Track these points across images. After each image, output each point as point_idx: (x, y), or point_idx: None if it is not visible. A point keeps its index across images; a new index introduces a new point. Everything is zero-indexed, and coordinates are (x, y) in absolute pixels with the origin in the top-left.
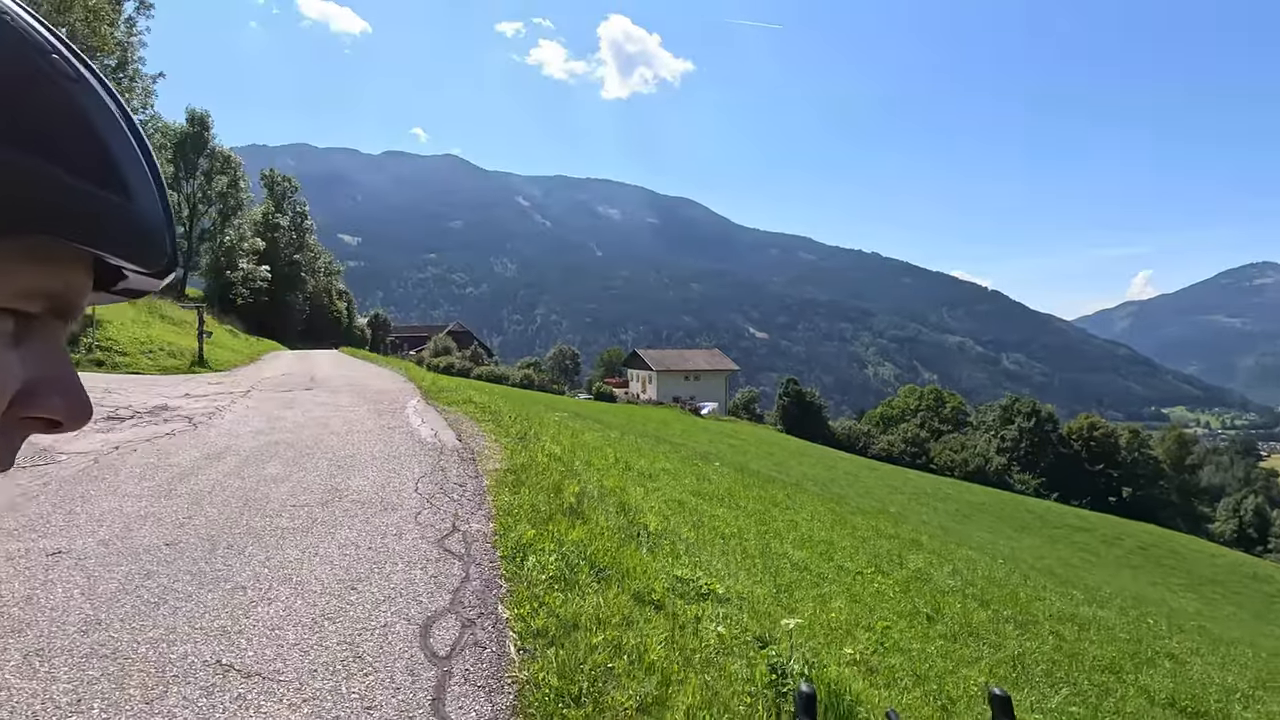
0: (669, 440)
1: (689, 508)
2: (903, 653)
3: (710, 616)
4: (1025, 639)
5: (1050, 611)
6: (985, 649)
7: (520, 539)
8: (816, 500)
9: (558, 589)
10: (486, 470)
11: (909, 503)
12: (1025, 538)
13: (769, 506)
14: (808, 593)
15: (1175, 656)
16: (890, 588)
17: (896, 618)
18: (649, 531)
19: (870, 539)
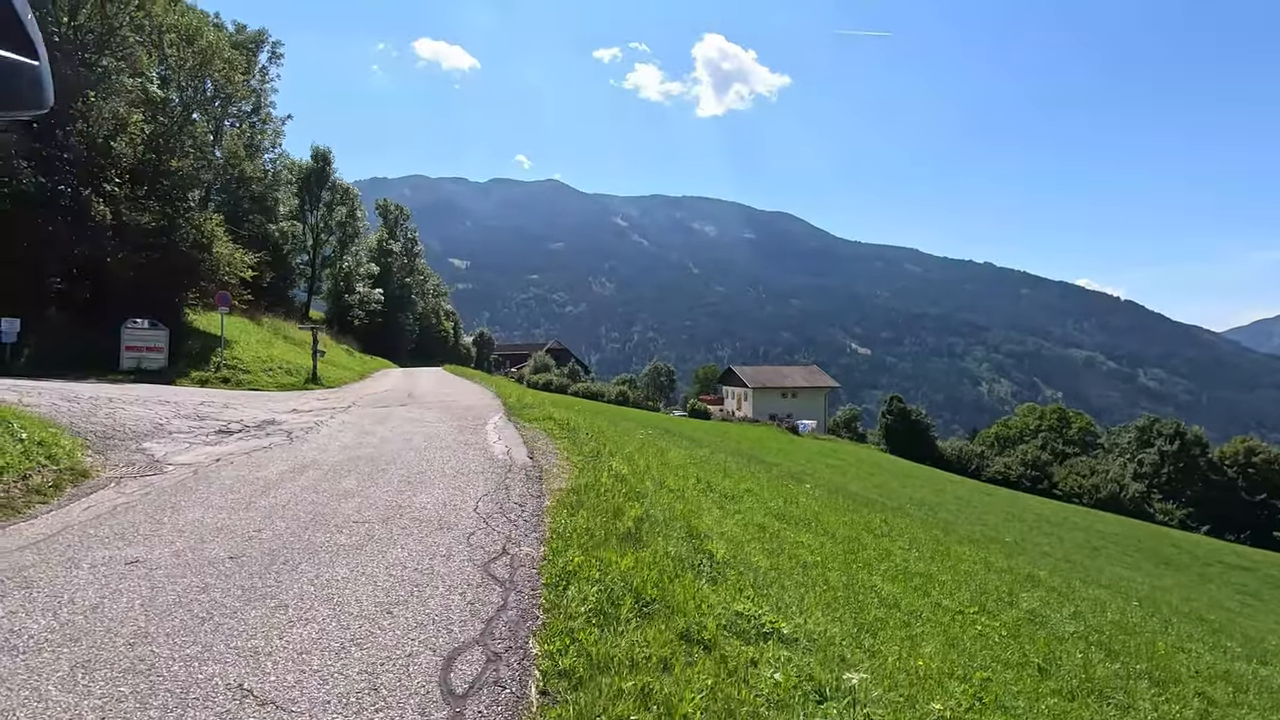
0: (762, 460)
1: (769, 532)
2: (1005, 711)
3: (769, 660)
4: (1162, 700)
5: (1198, 667)
6: (1111, 710)
7: (567, 565)
8: (918, 526)
9: (595, 623)
10: (551, 490)
11: (1028, 532)
12: (1169, 575)
13: (861, 533)
14: (894, 633)
15: None
16: (996, 631)
17: (1001, 667)
18: (714, 560)
19: (977, 573)
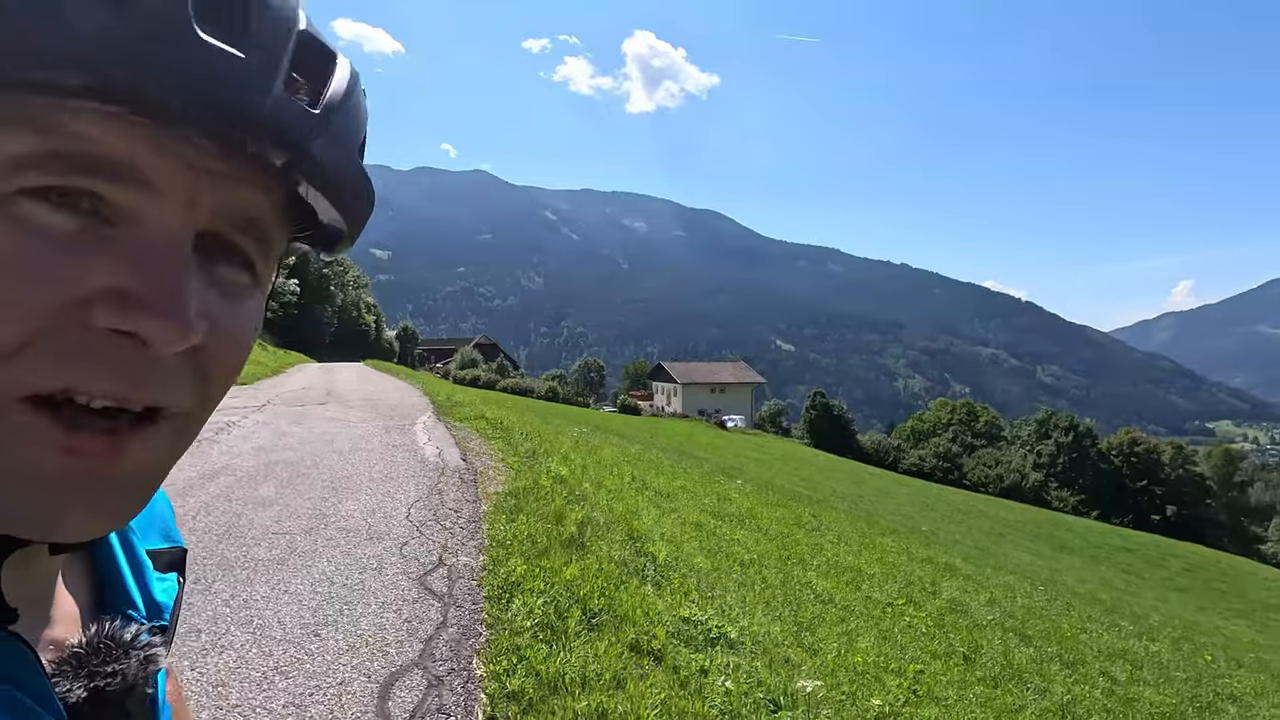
0: (693, 455)
1: (706, 531)
2: (938, 703)
3: (719, 668)
4: (1074, 682)
5: (1099, 646)
6: (1030, 695)
7: (509, 576)
8: (845, 519)
9: (542, 639)
10: (487, 494)
11: (941, 521)
12: (1065, 558)
13: (793, 528)
14: (831, 630)
15: (1238, 699)
16: (923, 621)
17: (930, 658)
18: (657, 563)
19: (902, 564)
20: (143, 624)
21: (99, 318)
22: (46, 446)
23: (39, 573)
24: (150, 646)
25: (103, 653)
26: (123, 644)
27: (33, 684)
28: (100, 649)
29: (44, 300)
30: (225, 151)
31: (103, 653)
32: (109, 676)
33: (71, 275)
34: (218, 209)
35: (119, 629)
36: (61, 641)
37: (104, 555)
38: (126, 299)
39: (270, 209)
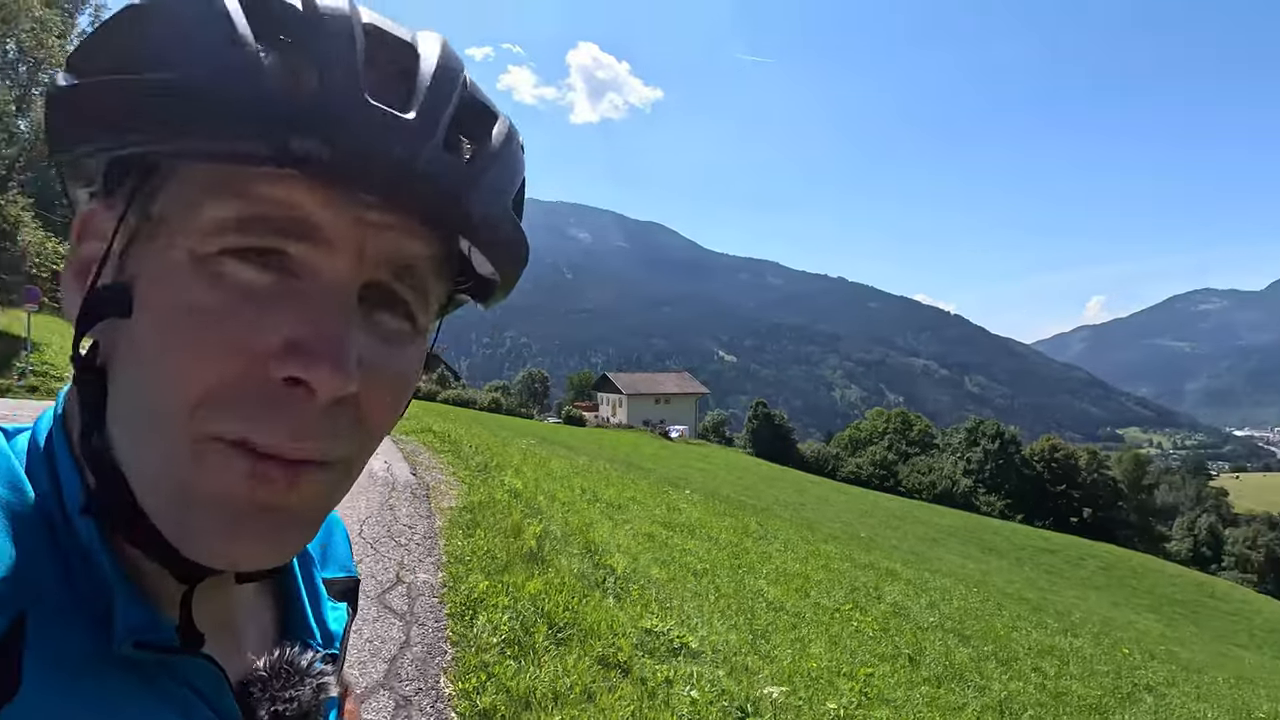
0: (639, 466)
1: (658, 542)
2: (888, 704)
3: (683, 678)
4: (1009, 679)
5: (1029, 644)
6: (970, 693)
7: (471, 593)
8: (789, 527)
9: (510, 655)
10: (441, 509)
11: (879, 527)
12: (993, 560)
13: (742, 537)
14: (785, 636)
15: (1154, 689)
16: (869, 626)
17: (878, 661)
18: (616, 575)
19: (846, 570)
20: (318, 651)
21: (275, 369)
22: (237, 475)
23: (228, 599)
24: (323, 675)
25: (282, 678)
26: (299, 670)
27: (224, 704)
28: (281, 674)
29: (239, 351)
30: (388, 206)
31: (282, 678)
32: (286, 702)
33: (261, 327)
34: (380, 259)
35: (297, 655)
36: (247, 665)
37: (288, 583)
38: (299, 349)
39: (428, 260)
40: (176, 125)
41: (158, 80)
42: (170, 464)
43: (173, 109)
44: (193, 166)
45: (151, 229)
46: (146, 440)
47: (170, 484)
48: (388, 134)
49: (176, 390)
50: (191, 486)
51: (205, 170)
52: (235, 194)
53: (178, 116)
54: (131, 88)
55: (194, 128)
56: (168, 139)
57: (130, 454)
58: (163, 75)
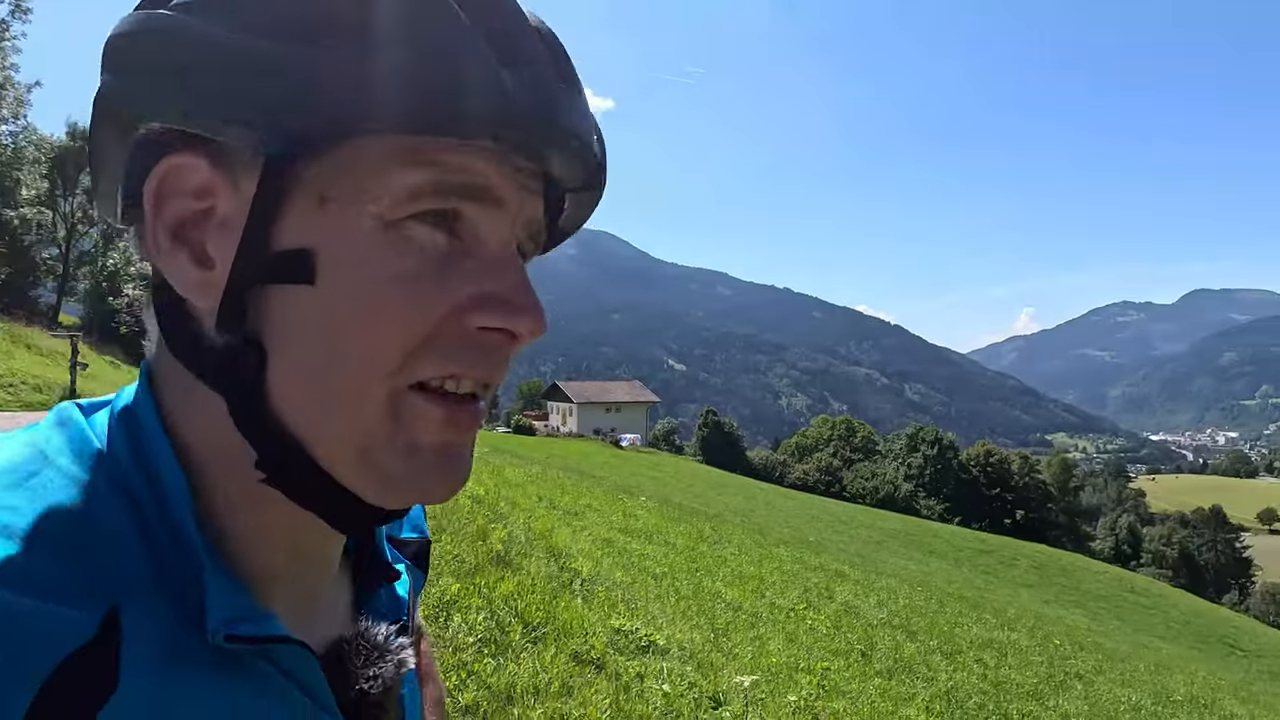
0: (592, 474)
1: (618, 547)
2: (844, 695)
3: (653, 673)
4: (954, 670)
5: (970, 638)
6: (920, 684)
7: (443, 595)
8: (741, 532)
9: (488, 653)
10: None
11: (826, 531)
12: (934, 561)
13: (697, 542)
14: (744, 634)
15: (1083, 677)
16: (823, 623)
17: (833, 656)
18: (581, 578)
19: (798, 572)
20: (392, 625)
21: (474, 319)
22: (434, 420)
23: (319, 570)
24: (402, 649)
25: (363, 655)
26: (378, 646)
27: (318, 689)
28: (360, 651)
29: (436, 308)
30: (538, 172)
31: (363, 655)
32: (371, 679)
33: (452, 284)
34: (525, 221)
35: (374, 630)
36: (329, 638)
37: (359, 550)
38: (493, 301)
39: (545, 221)
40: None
41: (405, 59)
42: (363, 420)
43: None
44: (383, 137)
45: (312, 195)
46: (335, 402)
47: (361, 439)
48: (570, 108)
49: (382, 351)
50: (388, 438)
51: (395, 140)
52: (426, 162)
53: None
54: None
55: (457, 106)
56: (417, 118)
57: (309, 417)
58: (405, 55)
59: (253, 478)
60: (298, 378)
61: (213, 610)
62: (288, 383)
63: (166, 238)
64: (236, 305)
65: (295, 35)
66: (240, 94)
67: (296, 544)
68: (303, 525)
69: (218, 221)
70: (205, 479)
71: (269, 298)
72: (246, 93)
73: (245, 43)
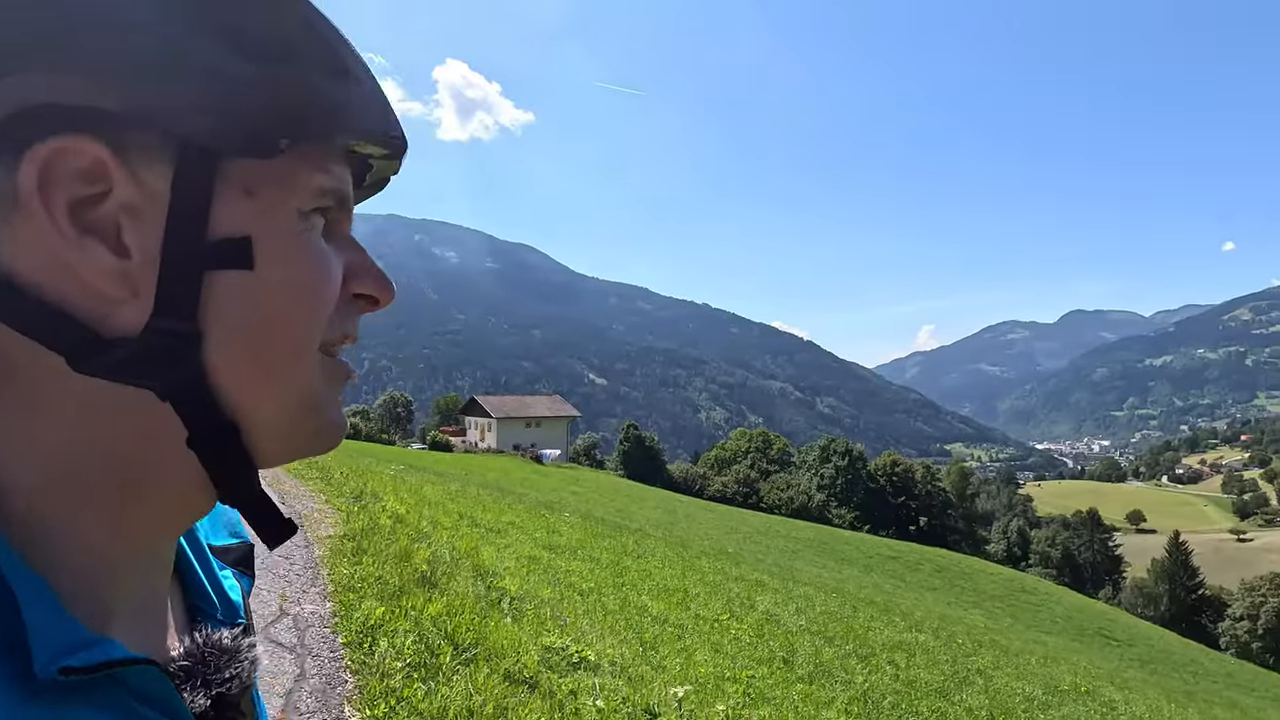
0: (512, 491)
1: (543, 564)
2: (769, 702)
3: (587, 689)
4: (869, 672)
5: (882, 640)
6: (838, 688)
7: (367, 619)
8: (664, 546)
9: (418, 677)
10: (318, 538)
11: (744, 542)
12: (846, 568)
13: (621, 556)
14: (672, 647)
15: (983, 672)
16: (745, 633)
17: (757, 664)
18: (510, 596)
19: (720, 583)
20: (235, 627)
21: (352, 288)
22: (341, 376)
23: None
24: (252, 648)
25: (211, 661)
26: (226, 649)
27: (175, 706)
28: (210, 657)
29: (339, 280)
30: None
31: (211, 661)
32: (228, 682)
33: (338, 260)
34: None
35: (218, 636)
36: (169, 650)
37: (182, 557)
38: (363, 271)
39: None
40: (351, 117)
41: (346, 77)
42: (304, 385)
43: (357, 103)
44: (310, 145)
45: (237, 187)
46: (280, 373)
47: (301, 401)
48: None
49: (316, 323)
50: (318, 393)
51: (308, 147)
52: (325, 169)
53: (355, 110)
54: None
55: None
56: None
57: (251, 389)
58: (348, 73)
59: (114, 477)
60: (241, 354)
61: (38, 646)
62: (229, 360)
63: (70, 225)
64: (176, 292)
65: (223, 35)
66: (165, 82)
67: (140, 549)
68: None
69: (122, 210)
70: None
71: (209, 283)
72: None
73: (179, 38)
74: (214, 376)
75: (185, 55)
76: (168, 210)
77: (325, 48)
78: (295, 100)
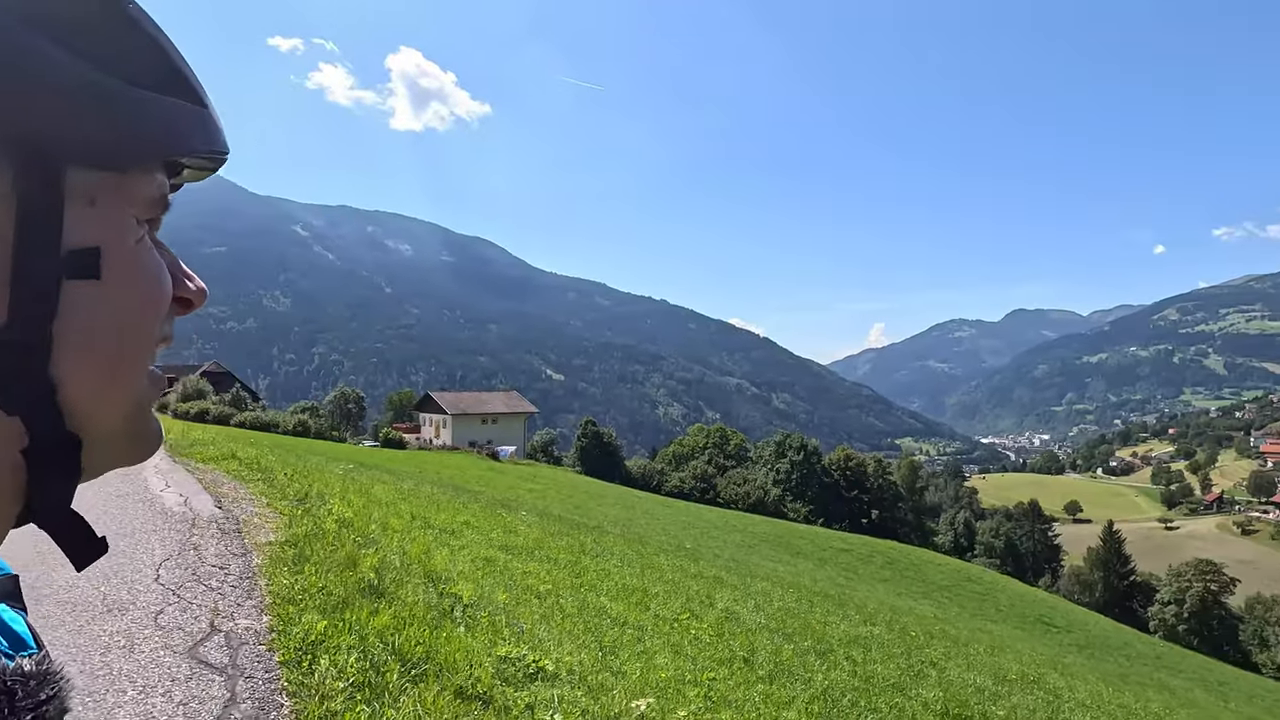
0: (468, 489)
1: (499, 566)
2: (730, 705)
3: (544, 703)
4: (828, 669)
5: (839, 635)
6: (798, 686)
7: (307, 635)
8: (623, 544)
9: (361, 699)
10: (257, 544)
11: (702, 537)
12: (801, 562)
13: (579, 555)
14: (632, 650)
15: (936, 664)
16: (706, 632)
17: (717, 665)
18: (463, 603)
19: (679, 580)
20: (34, 653)
21: (176, 292)
22: (155, 378)
23: None
24: (63, 668)
25: (23, 688)
26: (35, 675)
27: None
28: (19, 684)
29: (170, 288)
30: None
31: (23, 688)
32: (43, 706)
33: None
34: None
35: (16, 665)
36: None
37: None
38: (181, 277)
39: None
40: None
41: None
42: (138, 390)
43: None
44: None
45: (82, 198)
46: (122, 379)
47: (134, 407)
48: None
49: (154, 330)
50: (149, 402)
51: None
52: (154, 178)
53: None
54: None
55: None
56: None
57: (96, 395)
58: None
59: None
60: (89, 365)
61: None
62: (78, 371)
63: None
64: (30, 303)
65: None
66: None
67: None
68: None
69: None
70: None
71: (62, 293)
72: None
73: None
74: (62, 388)
75: (25, 58)
76: (16, 220)
77: (168, 65)
78: (138, 115)
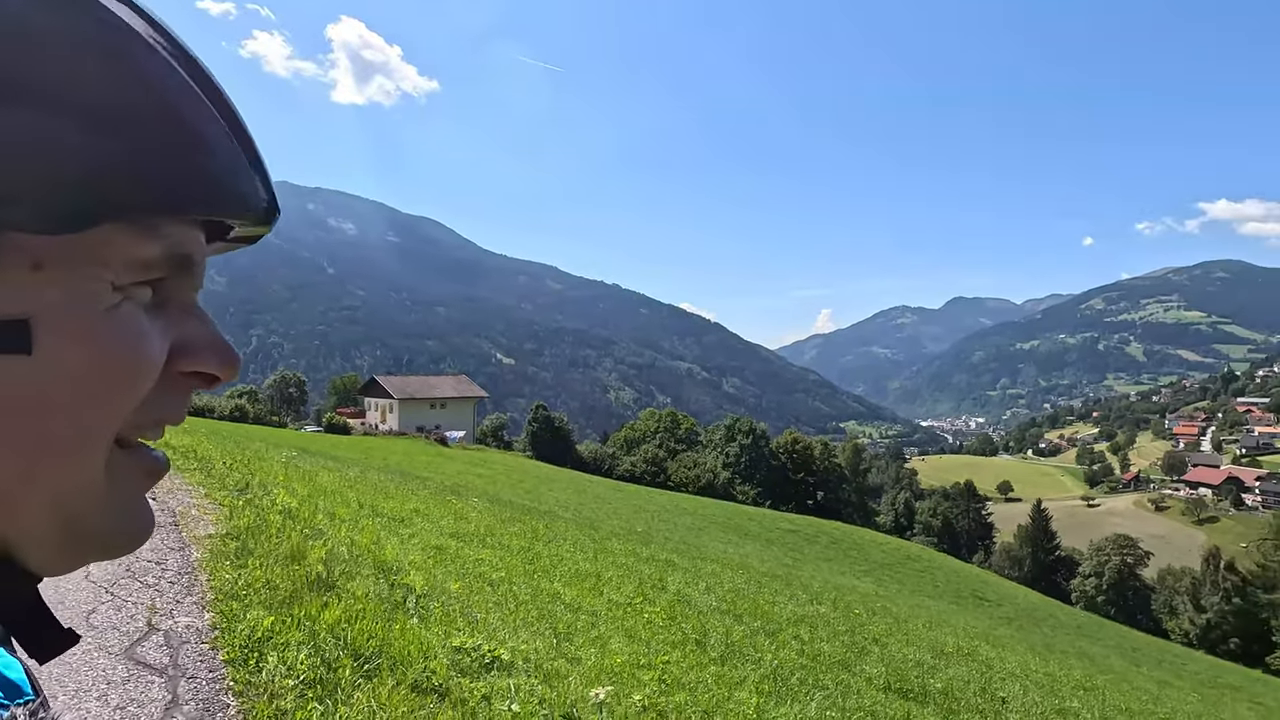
0: (416, 475)
1: (450, 554)
2: (684, 688)
3: (500, 693)
4: (777, 648)
5: (786, 615)
6: (749, 667)
7: (253, 631)
8: (575, 529)
9: (313, 697)
10: (196, 538)
11: (653, 521)
12: (749, 544)
13: (532, 541)
14: (586, 636)
15: (878, 640)
16: (658, 616)
17: (670, 648)
18: (415, 594)
19: (632, 564)
20: (26, 705)
21: (180, 364)
22: (141, 475)
23: None
24: (61, 713)
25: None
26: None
27: None
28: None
29: (159, 364)
30: (218, 233)
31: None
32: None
33: (159, 335)
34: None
35: (9, 715)
36: None
37: None
38: (200, 346)
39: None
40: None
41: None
42: (78, 487)
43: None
44: (126, 222)
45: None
46: (50, 471)
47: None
48: (253, 176)
49: (112, 417)
50: (101, 498)
51: (134, 215)
52: (155, 236)
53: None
54: (187, 156)
55: (200, 200)
56: (169, 209)
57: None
58: (196, 145)
59: None
60: (6, 450)
61: None
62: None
63: None
64: None
65: (18, 97)
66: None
67: None
68: None
69: None
70: None
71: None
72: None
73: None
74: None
75: None
76: None
77: (165, 115)
78: (106, 174)
